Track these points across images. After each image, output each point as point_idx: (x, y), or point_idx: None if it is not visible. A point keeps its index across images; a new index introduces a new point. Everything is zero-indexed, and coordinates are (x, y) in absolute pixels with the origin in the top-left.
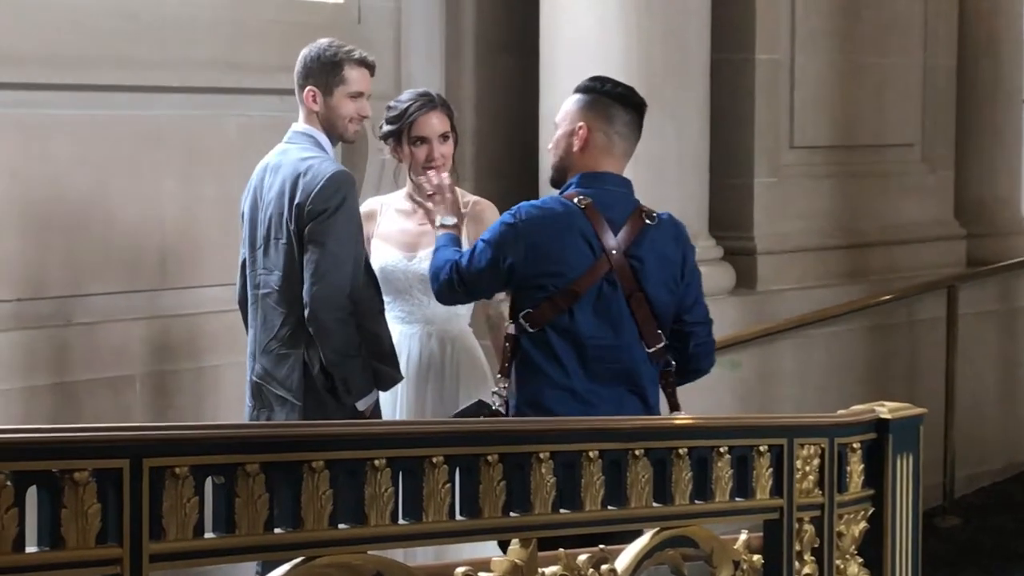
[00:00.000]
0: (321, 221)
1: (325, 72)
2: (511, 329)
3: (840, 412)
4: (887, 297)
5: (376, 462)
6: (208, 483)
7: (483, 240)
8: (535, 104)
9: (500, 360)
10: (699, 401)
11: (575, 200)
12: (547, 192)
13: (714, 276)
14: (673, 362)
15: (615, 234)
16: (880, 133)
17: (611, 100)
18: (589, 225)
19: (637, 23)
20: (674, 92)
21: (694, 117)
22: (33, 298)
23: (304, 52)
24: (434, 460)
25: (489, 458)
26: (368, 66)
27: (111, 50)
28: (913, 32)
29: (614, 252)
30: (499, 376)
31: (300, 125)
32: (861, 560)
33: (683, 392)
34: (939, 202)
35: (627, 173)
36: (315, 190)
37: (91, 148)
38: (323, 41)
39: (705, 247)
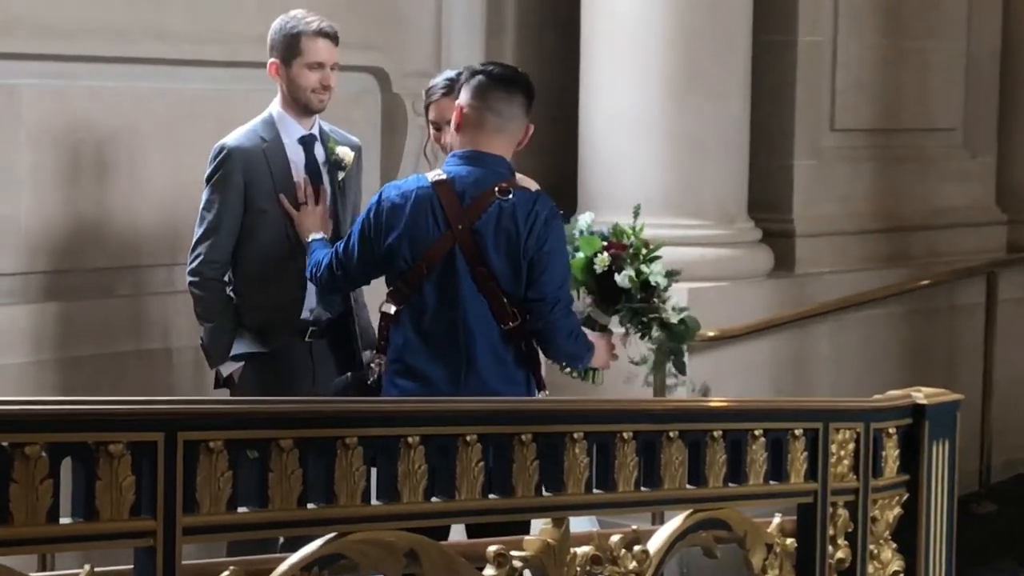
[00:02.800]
0: (204, 189)
1: (285, 44)
2: (384, 308)
3: (876, 397)
4: (926, 282)
5: (410, 439)
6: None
7: (354, 228)
8: (576, 81)
9: (378, 336)
10: (733, 384)
11: (431, 176)
12: (588, 169)
13: (752, 258)
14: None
15: (463, 209)
16: (922, 117)
17: (487, 79)
18: (437, 200)
19: (680, 3)
20: (715, 71)
21: (735, 97)
22: (74, 270)
23: (272, 25)
24: (468, 439)
25: (523, 437)
26: (328, 36)
27: (151, 22)
28: (957, 16)
29: (459, 227)
30: (375, 351)
31: (273, 105)
32: (895, 545)
33: (718, 374)
34: (980, 187)
35: (665, 153)
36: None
37: (131, 120)
38: (289, 13)
39: (743, 229)
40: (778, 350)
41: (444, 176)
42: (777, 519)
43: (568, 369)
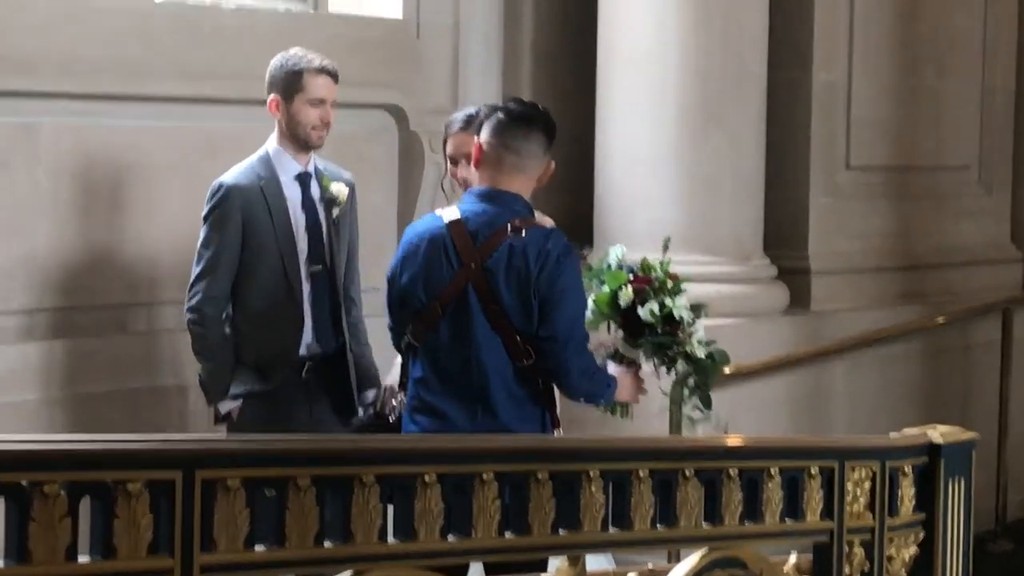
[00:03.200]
0: (202, 227)
1: (286, 80)
2: (405, 346)
3: (892, 435)
4: (941, 320)
5: (427, 477)
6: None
7: (387, 281)
8: (592, 118)
9: (400, 374)
10: (749, 420)
11: (446, 215)
12: (604, 206)
13: (768, 295)
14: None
15: (476, 247)
16: (937, 154)
17: (506, 117)
18: (450, 239)
19: (695, 40)
20: (730, 110)
21: (750, 135)
22: (88, 306)
23: (271, 62)
24: (484, 476)
25: (539, 475)
26: (329, 74)
27: (171, 61)
28: (971, 53)
29: (472, 265)
30: (397, 388)
31: (270, 143)
32: None
33: (734, 411)
34: (995, 224)
35: (681, 190)
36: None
37: (148, 158)
38: (289, 51)
39: (759, 266)
40: (794, 387)
41: (459, 215)
42: (793, 558)
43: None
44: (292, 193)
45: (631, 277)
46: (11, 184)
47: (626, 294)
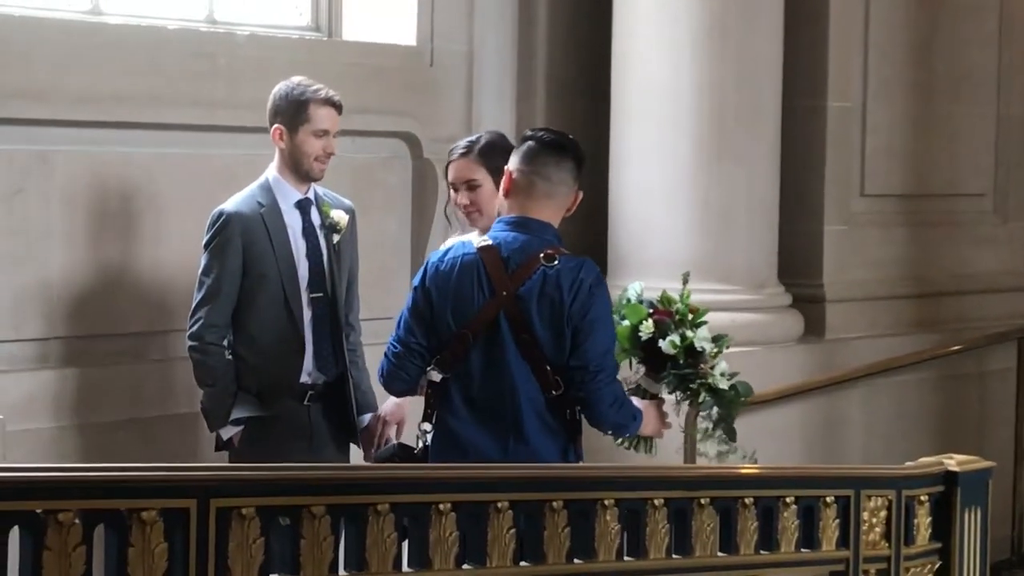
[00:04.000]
0: (203, 255)
1: (291, 110)
2: (431, 375)
3: (908, 464)
4: (956, 348)
5: (441, 506)
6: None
7: (405, 309)
8: (606, 148)
9: (424, 404)
10: (763, 448)
11: (477, 242)
12: (618, 235)
13: (782, 323)
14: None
15: (508, 275)
16: (952, 182)
17: (537, 145)
18: (483, 266)
19: (709, 69)
20: (745, 139)
21: (764, 164)
22: (102, 334)
23: (274, 91)
24: (499, 505)
25: (554, 504)
26: (334, 105)
27: (186, 90)
28: (986, 81)
29: (503, 293)
30: (421, 420)
31: (270, 170)
32: None
33: (748, 439)
34: (1011, 253)
35: (695, 219)
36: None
37: (162, 186)
38: (293, 80)
39: (774, 294)
40: (808, 415)
41: (490, 242)
42: None
43: (621, 440)
44: (292, 220)
45: (651, 311)
46: (25, 212)
47: (647, 327)
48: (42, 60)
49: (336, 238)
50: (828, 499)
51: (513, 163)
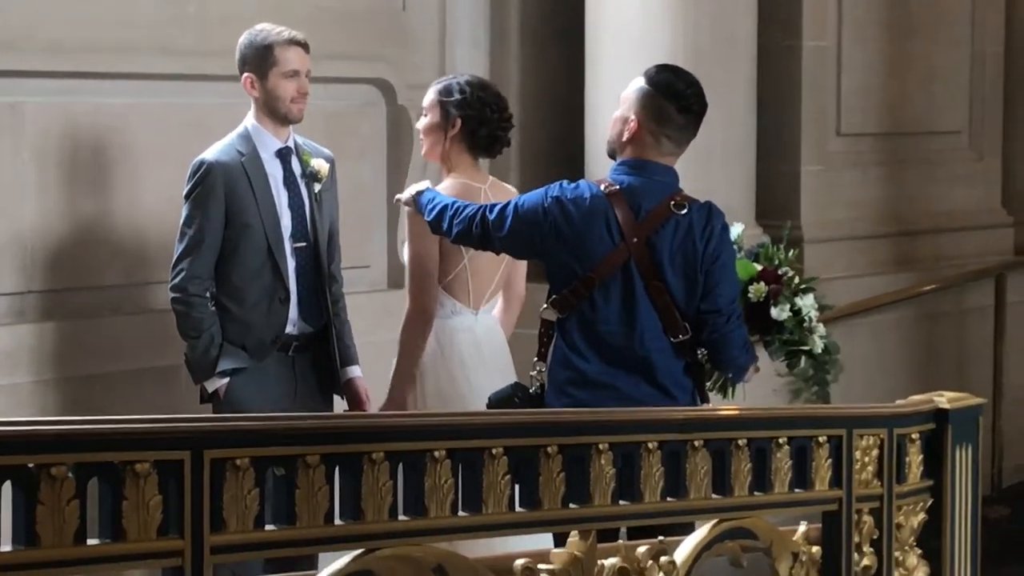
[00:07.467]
0: (184, 205)
1: (258, 57)
2: (545, 314)
3: (899, 402)
4: (934, 286)
5: (436, 453)
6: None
7: (515, 205)
8: (581, 93)
9: (538, 343)
10: (743, 391)
11: (603, 186)
12: (595, 177)
13: None
14: (703, 355)
15: (639, 222)
16: (927, 120)
17: (668, 101)
18: (613, 213)
19: (683, 10)
20: (720, 79)
21: (740, 105)
22: (79, 287)
23: (239, 41)
24: (494, 452)
25: (549, 449)
26: (300, 44)
27: (157, 39)
28: (960, 19)
29: (634, 240)
30: (536, 359)
31: (248, 119)
32: (920, 552)
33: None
34: (986, 190)
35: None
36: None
37: (136, 136)
38: (256, 27)
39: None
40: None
41: (616, 186)
42: (803, 527)
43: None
44: (273, 169)
45: (759, 269)
46: None
47: (759, 290)
48: (12, 11)
49: (317, 187)
50: (821, 439)
51: (641, 114)
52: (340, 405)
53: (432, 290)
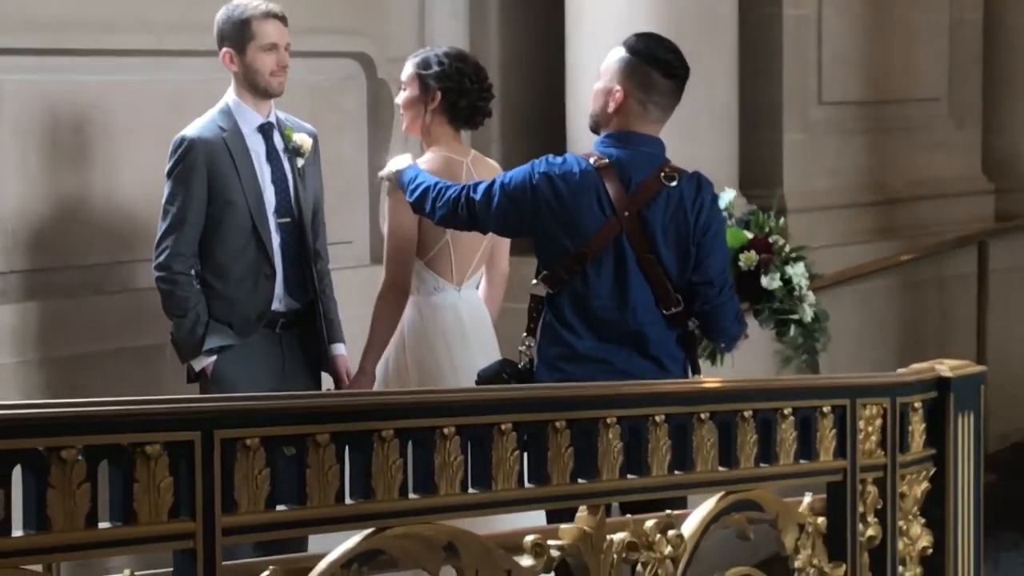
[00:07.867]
0: (166, 183)
1: (235, 31)
2: (535, 290)
3: (901, 371)
4: (916, 255)
5: (445, 430)
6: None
7: (501, 183)
8: (562, 63)
9: (527, 319)
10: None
11: (592, 160)
12: (576, 148)
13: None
14: (694, 325)
15: (630, 196)
16: (907, 87)
17: (653, 67)
18: (603, 187)
19: None
20: (703, 47)
21: (723, 73)
22: (61, 267)
23: (216, 17)
24: (503, 427)
25: (557, 424)
26: (277, 17)
27: (133, 14)
28: None
29: (625, 214)
30: (525, 335)
31: (228, 95)
32: (923, 521)
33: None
34: (967, 157)
35: None
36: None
37: (115, 114)
38: (232, 2)
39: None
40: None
41: (605, 160)
42: (808, 498)
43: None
44: (255, 144)
45: (750, 237)
46: None
47: (749, 259)
48: None
49: (300, 162)
50: (825, 409)
51: (626, 83)
52: (327, 382)
53: (408, 266)
